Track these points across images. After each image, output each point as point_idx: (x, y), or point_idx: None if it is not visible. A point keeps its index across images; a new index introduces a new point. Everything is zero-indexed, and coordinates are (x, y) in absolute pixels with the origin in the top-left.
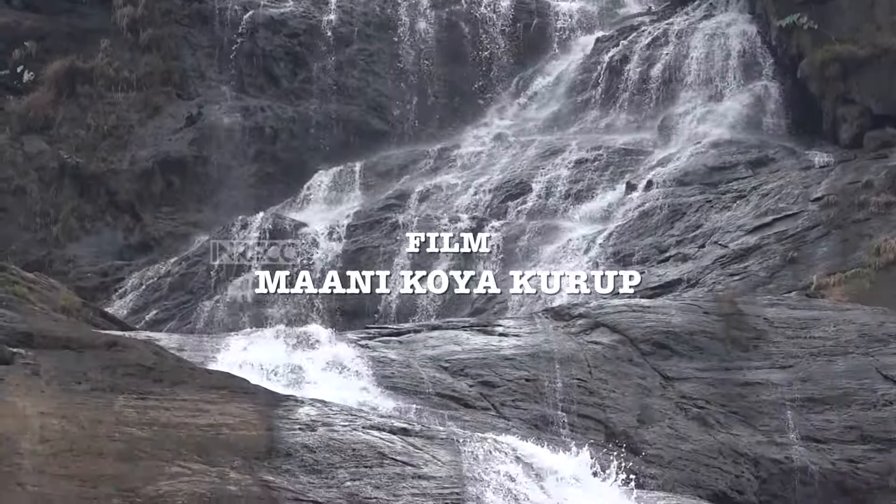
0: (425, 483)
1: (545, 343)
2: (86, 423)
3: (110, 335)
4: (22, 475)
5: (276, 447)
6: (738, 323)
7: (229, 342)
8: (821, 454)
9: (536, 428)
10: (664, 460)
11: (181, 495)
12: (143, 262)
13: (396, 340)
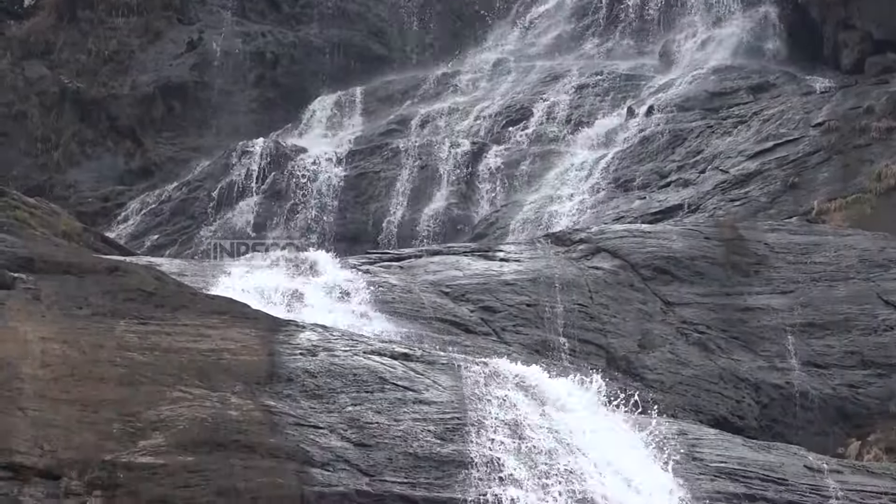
0: (426, 408)
1: (546, 268)
2: (87, 348)
3: (111, 260)
4: (23, 400)
5: (277, 372)
6: (739, 248)
7: (230, 267)
8: (821, 379)
9: (537, 353)
10: (665, 385)
11: (182, 420)
12: (144, 187)
13: (397, 266)
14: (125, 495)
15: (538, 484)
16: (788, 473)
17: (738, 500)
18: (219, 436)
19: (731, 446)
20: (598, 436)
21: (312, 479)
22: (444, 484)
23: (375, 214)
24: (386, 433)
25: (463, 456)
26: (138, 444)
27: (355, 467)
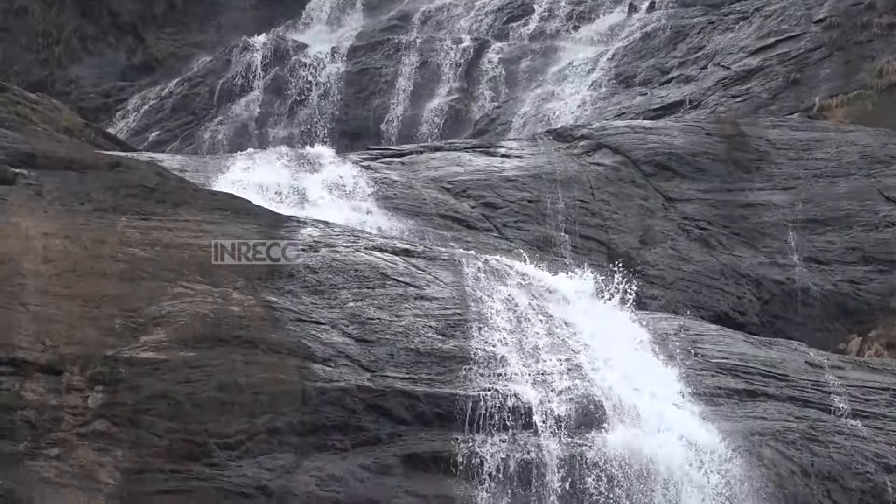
0: (427, 304)
1: (547, 164)
2: (88, 244)
3: (113, 156)
4: (25, 295)
5: (279, 268)
6: (741, 144)
7: (232, 163)
8: (822, 275)
9: (538, 249)
10: (666, 281)
11: (184, 315)
12: (146, 82)
13: (399, 161)
14: (127, 390)
15: (539, 380)
16: (789, 369)
17: (739, 396)
18: (220, 331)
19: (733, 342)
20: (599, 332)
21: (314, 375)
22: (446, 380)
23: (377, 110)
24: (387, 329)
25: (464, 352)
26: (140, 340)
27: (357, 363)
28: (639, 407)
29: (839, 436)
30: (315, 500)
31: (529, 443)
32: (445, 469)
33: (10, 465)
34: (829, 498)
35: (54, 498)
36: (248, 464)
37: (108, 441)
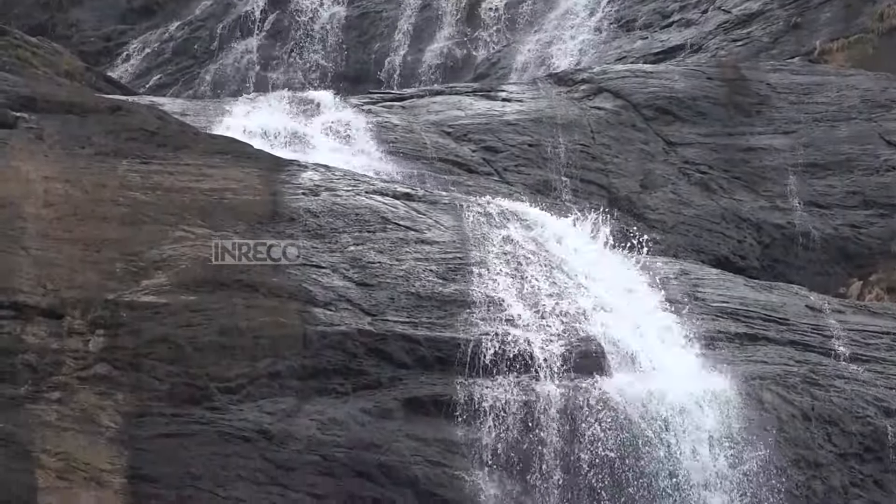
0: (428, 248)
1: (548, 108)
2: (89, 188)
3: (114, 99)
4: (26, 239)
5: (280, 212)
6: (741, 88)
7: (233, 107)
8: (823, 219)
9: (539, 193)
10: (667, 225)
11: (185, 259)
12: (147, 26)
13: (399, 105)
14: (127, 334)
15: (540, 324)
16: (790, 313)
17: (740, 340)
18: (221, 275)
19: (733, 286)
20: (599, 276)
21: (315, 319)
22: (446, 323)
23: (377, 54)
24: (388, 273)
25: (465, 296)
26: (141, 284)
27: (357, 307)
28: (639, 351)
29: (840, 380)
30: (316, 443)
31: (530, 386)
32: (446, 413)
33: (11, 409)
34: (830, 441)
35: (55, 441)
36: (249, 407)
37: (109, 385)
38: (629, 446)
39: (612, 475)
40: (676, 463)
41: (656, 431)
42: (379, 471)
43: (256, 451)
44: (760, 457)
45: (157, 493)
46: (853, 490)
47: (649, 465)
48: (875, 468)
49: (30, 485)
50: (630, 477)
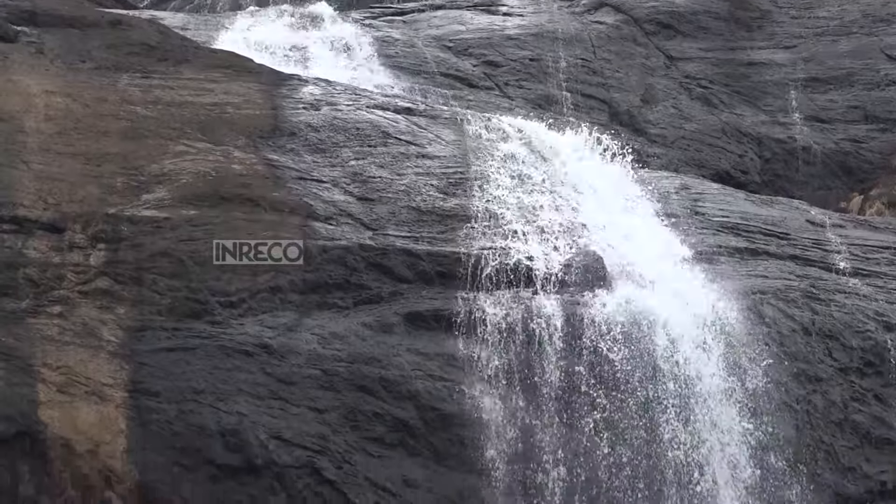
0: (429, 162)
1: (549, 23)
2: (90, 102)
3: (114, 13)
4: (27, 153)
5: (281, 126)
6: (743, 2)
7: (233, 21)
8: (824, 134)
9: (540, 107)
10: (668, 140)
11: (185, 174)
12: None
13: (400, 20)
14: (128, 248)
15: (540, 238)
16: (791, 228)
17: (741, 255)
18: (222, 189)
19: (734, 201)
20: (600, 190)
21: (316, 233)
22: (447, 238)
23: None
24: (389, 187)
25: (465, 210)
26: (142, 198)
27: (358, 221)
28: (639, 265)
29: (840, 294)
30: (317, 358)
31: (530, 300)
32: (447, 327)
33: (13, 323)
34: (830, 356)
35: (57, 355)
36: (249, 322)
37: (111, 299)
38: (630, 359)
39: (612, 388)
40: (677, 375)
41: (657, 344)
42: (380, 385)
43: (257, 365)
44: (761, 371)
45: (159, 406)
46: (853, 404)
47: (650, 377)
48: (875, 382)
49: (31, 399)
50: (630, 389)
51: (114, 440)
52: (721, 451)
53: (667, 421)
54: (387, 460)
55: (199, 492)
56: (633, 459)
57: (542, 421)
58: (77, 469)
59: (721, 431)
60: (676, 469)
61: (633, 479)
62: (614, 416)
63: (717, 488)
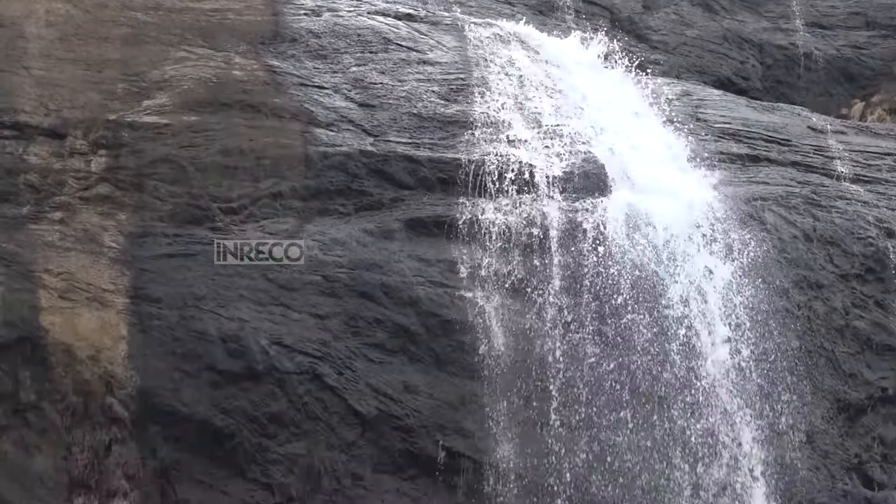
0: (430, 69)
1: None
2: (91, 7)
3: None
4: (27, 59)
5: (282, 32)
6: None
7: None
8: (825, 40)
9: (541, 14)
10: (669, 46)
11: (186, 80)
12: None
13: None
14: (129, 154)
15: (541, 144)
16: (792, 134)
17: (742, 161)
18: (223, 96)
19: (735, 107)
20: (601, 96)
21: (316, 139)
22: (448, 144)
23: None
24: (390, 94)
25: (467, 116)
26: (142, 104)
27: (359, 127)
28: (640, 171)
29: (841, 200)
30: (317, 264)
31: (531, 206)
32: (448, 233)
33: (14, 229)
34: (832, 262)
35: (58, 261)
36: (251, 228)
37: (112, 205)
38: (631, 265)
39: (613, 294)
40: (678, 280)
41: (658, 250)
42: (381, 291)
43: (258, 271)
44: (761, 277)
45: (160, 312)
46: (854, 311)
47: (650, 284)
48: (876, 289)
49: (32, 304)
50: (630, 295)
51: (115, 346)
52: (727, 360)
53: (668, 327)
54: (388, 366)
55: (200, 397)
56: (636, 364)
57: (543, 326)
58: (78, 375)
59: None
60: (677, 377)
61: (634, 380)
62: (617, 317)
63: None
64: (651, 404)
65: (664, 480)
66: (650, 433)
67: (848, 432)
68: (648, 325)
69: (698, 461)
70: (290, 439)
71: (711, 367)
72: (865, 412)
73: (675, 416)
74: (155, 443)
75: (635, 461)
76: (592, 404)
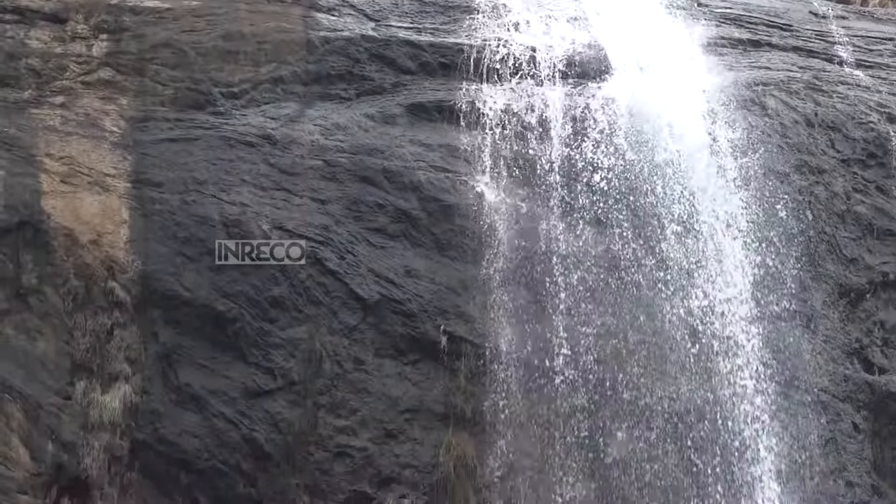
0: None
1: None
2: None
3: None
4: None
5: None
6: None
7: None
8: None
9: None
10: None
11: None
12: None
13: None
14: (131, 39)
15: (544, 29)
16: (794, 20)
17: (743, 46)
18: None
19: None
20: None
21: (318, 24)
22: (450, 29)
23: None
24: None
25: (468, 1)
26: None
27: (361, 12)
28: (641, 55)
29: (843, 86)
30: (319, 148)
31: (533, 90)
32: (449, 118)
33: (15, 113)
34: (833, 147)
35: (59, 146)
36: (252, 112)
37: (113, 89)
38: (632, 149)
39: (613, 178)
40: (678, 169)
41: (660, 135)
42: (382, 176)
43: (260, 155)
44: (762, 160)
45: (161, 197)
46: (856, 196)
47: (650, 168)
48: (877, 174)
49: (34, 189)
50: (630, 177)
51: (116, 230)
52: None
53: (668, 208)
54: (389, 251)
55: (201, 281)
56: (637, 249)
57: (544, 211)
58: (80, 259)
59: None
60: (678, 259)
61: (636, 265)
62: (620, 203)
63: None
64: (651, 281)
65: (661, 353)
66: (652, 307)
67: (849, 317)
68: (651, 205)
69: (697, 333)
70: (291, 323)
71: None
72: (866, 297)
73: (672, 290)
74: (156, 327)
75: (637, 339)
76: (595, 288)
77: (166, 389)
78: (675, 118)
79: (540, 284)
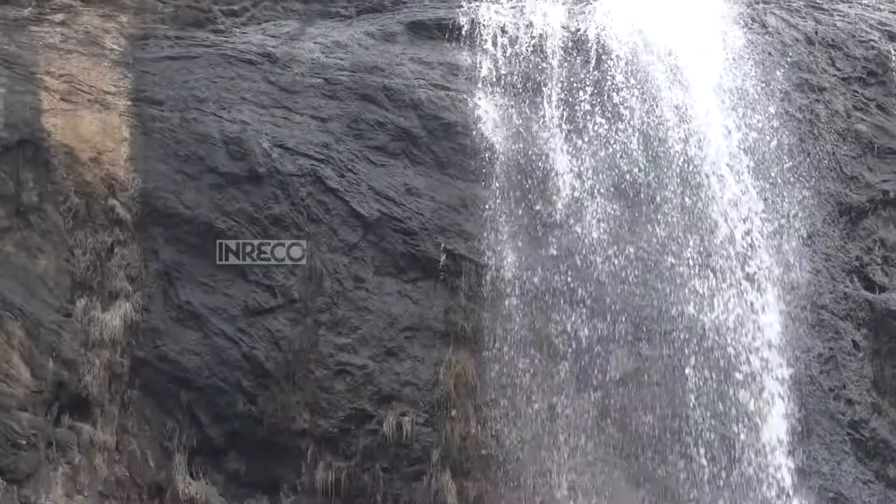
0: None
1: None
2: None
3: None
4: None
5: None
6: None
7: None
8: None
9: None
10: None
11: None
12: None
13: None
14: None
15: None
16: None
17: None
18: None
19: None
20: None
21: None
22: None
23: None
24: None
25: None
26: None
27: None
28: None
29: (843, 4)
30: (319, 66)
31: (533, 8)
32: (449, 36)
33: (15, 31)
34: (833, 66)
35: (59, 63)
36: (252, 31)
37: (113, 7)
38: (630, 62)
39: (614, 113)
40: (678, 90)
41: (658, 47)
42: (382, 94)
43: (260, 73)
44: (762, 78)
45: (161, 115)
46: (856, 114)
47: (650, 77)
48: (878, 92)
49: (34, 107)
50: (631, 104)
51: (117, 148)
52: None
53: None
54: (390, 169)
55: (201, 199)
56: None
57: (543, 126)
58: (80, 177)
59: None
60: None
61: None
62: (625, 133)
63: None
64: (648, 203)
65: (659, 273)
66: (649, 231)
67: (849, 235)
68: (649, 112)
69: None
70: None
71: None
72: (867, 215)
73: (669, 200)
74: (157, 245)
75: (634, 271)
76: (594, 202)
77: (167, 307)
78: (673, 41)
79: (541, 201)
